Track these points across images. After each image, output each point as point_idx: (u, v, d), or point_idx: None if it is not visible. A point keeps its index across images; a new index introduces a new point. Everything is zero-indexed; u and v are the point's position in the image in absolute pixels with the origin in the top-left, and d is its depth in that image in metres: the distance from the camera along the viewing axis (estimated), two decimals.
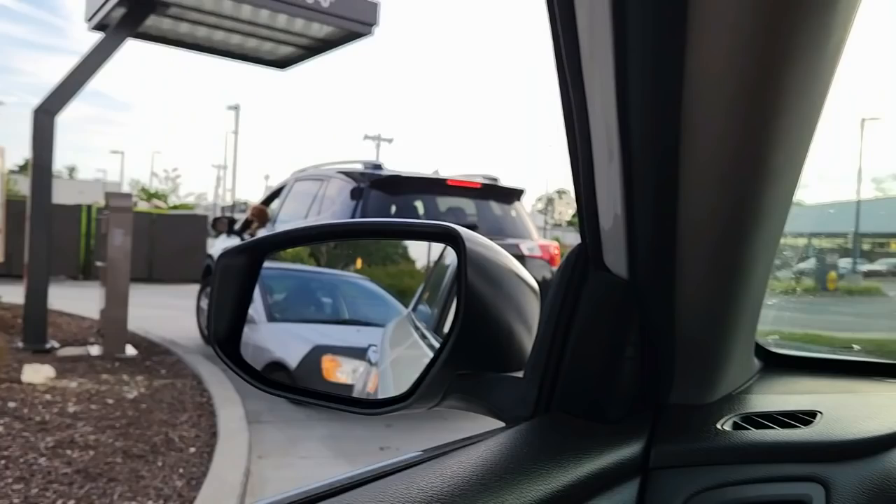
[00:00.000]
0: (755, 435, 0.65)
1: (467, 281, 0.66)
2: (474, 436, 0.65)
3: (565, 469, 0.57)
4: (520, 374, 0.70)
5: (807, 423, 0.67)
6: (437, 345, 0.81)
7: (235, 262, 0.84)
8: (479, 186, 7.12)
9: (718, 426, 0.66)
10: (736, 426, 0.67)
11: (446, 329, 0.82)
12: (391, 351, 0.89)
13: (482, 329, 0.68)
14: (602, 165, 0.62)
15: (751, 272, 0.64)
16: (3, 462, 3.97)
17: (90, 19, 8.76)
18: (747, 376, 0.77)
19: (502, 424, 0.70)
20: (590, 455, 0.59)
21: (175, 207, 28.63)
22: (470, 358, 0.68)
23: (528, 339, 0.72)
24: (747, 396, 0.74)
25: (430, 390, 0.68)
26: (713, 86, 0.53)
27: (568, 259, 0.69)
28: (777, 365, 0.83)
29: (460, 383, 0.69)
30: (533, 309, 0.74)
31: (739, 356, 0.73)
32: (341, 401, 0.79)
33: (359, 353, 0.94)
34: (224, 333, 0.83)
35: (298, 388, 0.85)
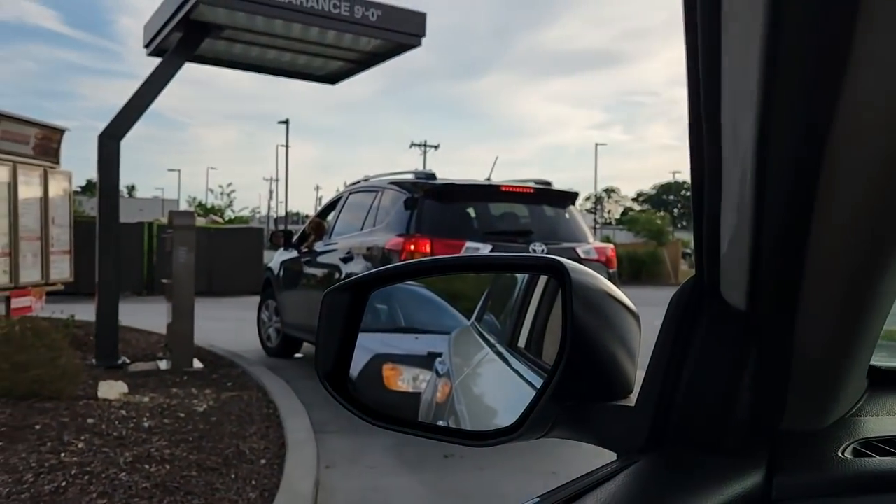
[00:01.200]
0: (881, 463, 0.62)
1: (573, 313, 0.66)
2: (587, 475, 0.64)
3: None
4: (628, 403, 0.70)
5: None
6: (512, 359, 0.82)
7: (340, 299, 0.87)
8: (531, 191, 7.10)
9: (839, 454, 0.64)
10: (857, 453, 0.64)
11: (521, 343, 0.83)
12: (463, 364, 0.88)
13: (588, 359, 0.68)
14: (731, 196, 0.59)
15: (881, 305, 0.62)
16: (87, 478, 4.11)
17: (148, 45, 9.06)
18: (857, 397, 0.75)
19: (606, 452, 0.70)
20: (717, 490, 0.58)
21: (231, 221, 29.22)
22: (577, 388, 0.69)
23: (630, 366, 0.72)
24: (861, 420, 0.72)
25: (539, 421, 0.69)
26: (874, 108, 0.48)
27: (682, 290, 0.69)
28: (884, 383, 0.80)
29: (568, 413, 0.70)
30: (634, 334, 0.73)
31: (854, 379, 0.70)
32: (453, 433, 0.81)
33: (418, 361, 0.93)
34: (330, 369, 0.86)
35: (409, 421, 0.87)
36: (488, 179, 7.44)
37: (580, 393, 0.69)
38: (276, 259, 9.33)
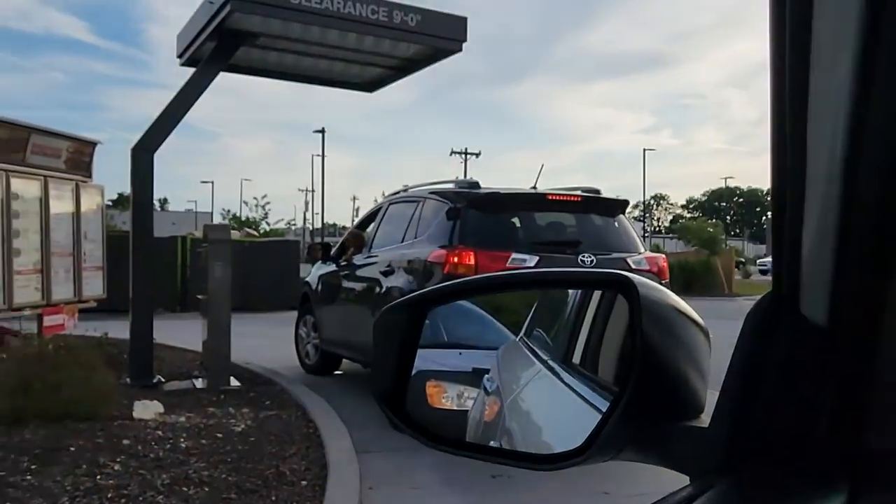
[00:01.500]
0: None
1: (643, 331, 0.67)
2: (661, 500, 0.61)
3: None
4: (701, 424, 0.68)
5: None
6: (567, 376, 0.80)
7: (396, 318, 0.88)
8: (579, 200, 6.91)
9: None
10: None
11: (576, 359, 0.81)
12: (513, 381, 0.87)
13: (659, 377, 0.68)
14: (814, 207, 0.58)
15: None
16: (123, 501, 4.01)
17: (181, 55, 9.00)
18: None
19: (676, 474, 0.68)
20: None
21: (266, 234, 29.38)
22: (647, 408, 0.68)
23: (701, 384, 0.71)
24: None
25: (608, 443, 0.69)
26: None
27: (759, 306, 0.67)
28: None
29: (638, 435, 0.69)
30: (704, 351, 0.72)
31: None
32: (515, 456, 0.81)
33: (462, 378, 0.92)
34: (387, 389, 0.86)
35: (470, 444, 0.85)
36: (534, 188, 7.23)
37: (651, 413, 0.69)
38: (313, 273, 9.21)
